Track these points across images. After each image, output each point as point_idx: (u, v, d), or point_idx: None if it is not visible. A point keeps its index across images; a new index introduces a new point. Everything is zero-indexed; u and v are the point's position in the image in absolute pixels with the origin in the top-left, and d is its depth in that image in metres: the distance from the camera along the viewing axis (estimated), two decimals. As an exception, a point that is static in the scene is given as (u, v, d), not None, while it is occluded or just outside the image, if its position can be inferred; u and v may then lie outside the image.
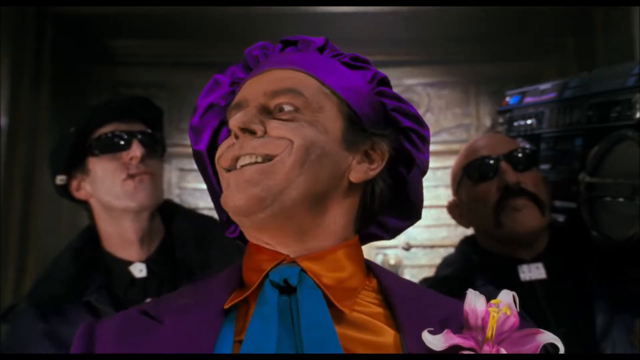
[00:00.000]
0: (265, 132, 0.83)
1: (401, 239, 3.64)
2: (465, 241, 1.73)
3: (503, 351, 0.79)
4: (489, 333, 0.80)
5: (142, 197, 1.44)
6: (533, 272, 1.59)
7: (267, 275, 0.84)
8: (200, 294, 0.88)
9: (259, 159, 0.83)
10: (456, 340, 0.79)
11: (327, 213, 0.86)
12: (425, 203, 3.29)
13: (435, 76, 4.04)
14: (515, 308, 0.83)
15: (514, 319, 0.82)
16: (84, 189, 1.51)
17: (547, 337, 0.81)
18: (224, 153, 0.86)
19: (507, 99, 2.01)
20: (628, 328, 1.51)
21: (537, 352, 0.80)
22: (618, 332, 1.50)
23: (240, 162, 0.83)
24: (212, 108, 0.95)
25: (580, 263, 1.60)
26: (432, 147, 3.28)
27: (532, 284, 1.58)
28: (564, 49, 3.83)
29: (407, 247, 3.71)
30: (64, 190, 1.54)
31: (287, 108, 0.85)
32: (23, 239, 3.23)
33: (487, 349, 0.79)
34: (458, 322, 0.82)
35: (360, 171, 0.88)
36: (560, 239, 1.64)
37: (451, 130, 3.96)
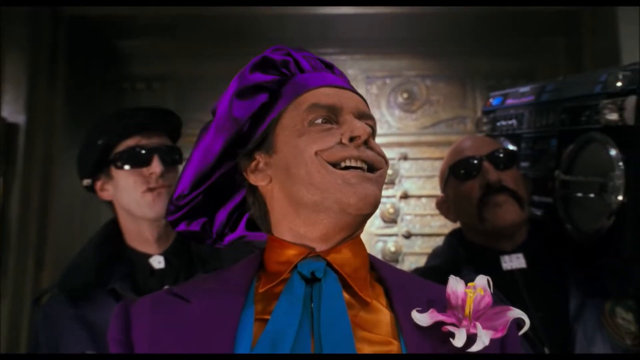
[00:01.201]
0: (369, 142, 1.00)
1: (402, 227, 3.79)
2: (453, 234, 1.86)
3: (479, 326, 0.91)
4: (467, 310, 0.93)
5: (160, 208, 1.58)
6: (514, 262, 1.71)
7: (295, 267, 0.96)
8: (222, 280, 1.00)
9: (365, 167, 0.97)
10: (440, 317, 0.92)
11: None
12: (423, 192, 3.42)
13: (434, 70, 4.08)
14: (489, 290, 0.97)
15: (488, 299, 0.95)
16: (107, 190, 1.65)
17: (515, 313, 0.93)
18: (332, 147, 0.97)
19: (491, 100, 2.11)
20: (598, 310, 1.62)
21: (507, 327, 0.93)
22: (589, 315, 1.61)
23: (351, 164, 0.96)
24: (262, 88, 1.05)
25: (556, 253, 1.71)
26: (430, 138, 3.42)
27: (513, 272, 1.70)
28: (555, 48, 3.88)
29: (407, 235, 3.84)
30: (90, 190, 1.69)
31: (370, 127, 1.00)
32: (41, 232, 3.30)
33: (465, 324, 0.92)
34: (443, 304, 0.95)
35: None
36: (539, 231, 1.76)
37: (448, 122, 4.01)
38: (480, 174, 1.69)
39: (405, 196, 3.84)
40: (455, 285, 0.96)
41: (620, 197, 1.46)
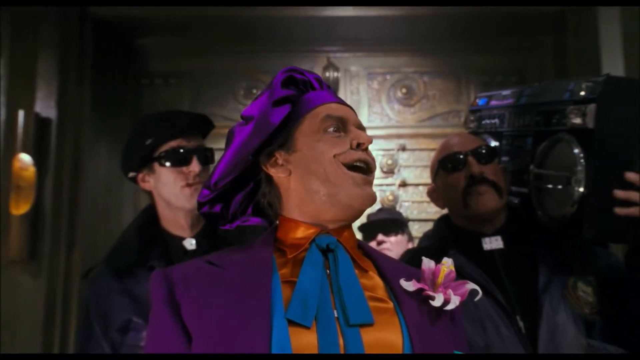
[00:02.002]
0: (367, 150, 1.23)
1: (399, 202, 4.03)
2: (441, 219, 2.07)
3: (451, 292, 1.16)
4: (439, 280, 1.19)
5: (195, 200, 1.81)
6: (493, 243, 1.89)
7: (313, 240, 1.19)
8: (246, 253, 1.21)
9: (365, 167, 1.21)
10: (420, 285, 1.17)
11: None
12: (420, 181, 3.64)
13: (431, 67, 4.30)
14: (452, 268, 1.22)
15: (453, 274, 1.20)
16: (148, 182, 1.87)
17: (471, 285, 1.19)
18: (346, 152, 1.20)
19: (477, 100, 2.29)
20: (562, 285, 1.80)
21: (466, 295, 1.18)
22: (555, 288, 1.79)
23: (357, 164, 1.20)
24: (288, 100, 1.25)
25: (529, 236, 1.92)
26: (427, 131, 3.65)
27: (492, 252, 1.87)
28: (543, 47, 4.08)
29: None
30: (132, 180, 1.92)
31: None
32: (72, 217, 3.55)
33: (440, 290, 1.17)
34: (416, 277, 1.19)
35: None
36: (515, 217, 1.96)
37: (444, 115, 4.25)
38: (465, 167, 1.89)
39: (403, 184, 4.08)
40: (428, 264, 1.20)
41: (581, 189, 1.68)
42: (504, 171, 1.97)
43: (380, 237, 3.17)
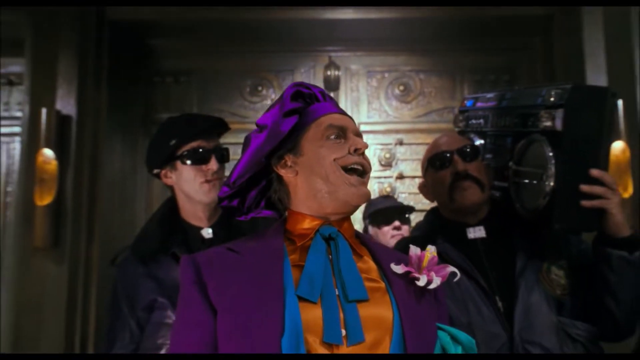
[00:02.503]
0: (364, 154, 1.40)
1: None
2: (431, 211, 2.24)
3: (433, 274, 1.35)
4: (424, 264, 1.37)
5: (213, 195, 1.97)
6: (477, 232, 2.05)
7: (317, 230, 1.36)
8: (260, 241, 1.38)
9: (361, 169, 1.38)
10: (407, 269, 1.35)
11: None
12: (417, 174, 3.84)
13: (427, 66, 4.42)
14: (435, 254, 1.41)
15: (436, 259, 1.39)
16: (170, 178, 2.06)
17: (451, 268, 1.38)
18: (345, 156, 1.36)
19: (465, 102, 2.41)
20: (537, 269, 1.96)
21: (447, 277, 1.37)
22: (530, 272, 1.95)
23: (354, 167, 1.36)
24: (296, 112, 1.42)
25: (509, 226, 2.08)
26: (423, 126, 3.83)
27: (475, 241, 2.04)
28: (532, 47, 4.21)
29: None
30: (156, 176, 2.11)
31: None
32: (91, 208, 3.72)
33: (424, 273, 1.35)
34: (404, 262, 1.36)
35: None
36: (497, 209, 2.12)
37: (439, 111, 4.37)
38: (451, 165, 2.05)
39: (400, 177, 4.25)
40: (415, 250, 1.39)
41: (551, 184, 1.85)
42: (486, 168, 2.13)
43: (397, 223, 3.26)
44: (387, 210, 3.34)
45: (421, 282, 1.34)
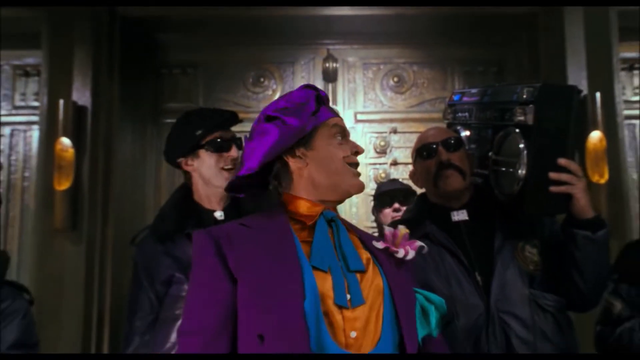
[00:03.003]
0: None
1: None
2: (419, 196, 2.40)
3: (408, 247, 1.55)
4: (398, 241, 1.58)
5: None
6: (460, 215, 2.20)
7: (322, 214, 1.53)
8: (267, 218, 1.55)
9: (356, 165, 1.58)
10: (386, 244, 1.56)
11: None
12: (409, 160, 3.97)
13: (420, 58, 4.58)
14: (407, 230, 1.61)
15: (407, 235, 1.60)
16: (192, 165, 2.22)
17: (420, 243, 1.60)
18: (349, 156, 1.57)
19: (453, 96, 2.53)
20: (513, 247, 2.12)
21: (416, 249, 1.57)
22: (507, 250, 2.11)
23: (356, 164, 1.57)
24: (313, 113, 1.58)
25: (489, 209, 2.22)
26: (416, 115, 4.01)
27: (459, 223, 2.19)
28: (519, 42, 4.36)
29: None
30: (177, 165, 2.29)
31: None
32: (105, 192, 3.89)
33: (400, 247, 1.56)
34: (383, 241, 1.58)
35: None
36: (479, 194, 2.29)
37: (432, 101, 4.55)
38: (436, 155, 2.21)
39: (394, 163, 4.44)
40: (389, 229, 1.60)
41: (523, 172, 2.02)
42: (469, 157, 2.29)
43: (396, 205, 3.31)
44: (389, 192, 3.43)
45: (400, 255, 1.55)
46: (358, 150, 1.60)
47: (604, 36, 3.84)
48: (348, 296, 1.42)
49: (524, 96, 2.08)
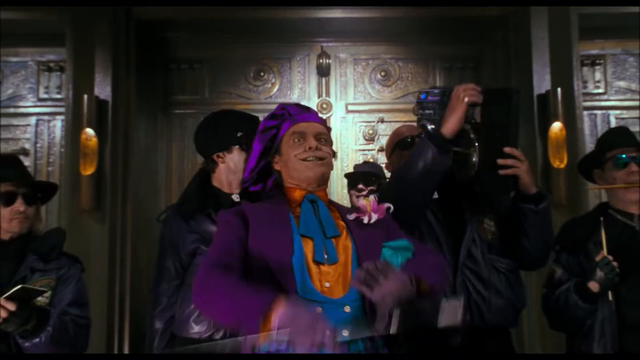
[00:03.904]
0: (319, 147, 1.96)
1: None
2: None
3: (372, 213, 1.93)
4: (368, 208, 1.96)
5: None
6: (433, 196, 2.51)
7: (305, 197, 1.93)
8: (272, 202, 1.97)
9: (315, 158, 1.93)
10: (355, 215, 1.94)
11: None
12: (394, 147, 4.03)
13: (405, 55, 4.90)
14: (374, 200, 2.01)
15: (374, 202, 1.98)
16: (222, 158, 2.52)
17: (388, 204, 1.99)
18: (301, 152, 1.91)
19: (420, 95, 2.73)
20: (477, 221, 2.44)
21: (384, 211, 1.96)
22: (471, 224, 2.43)
23: (310, 158, 1.92)
24: (272, 128, 2.04)
25: (456, 191, 2.51)
26: (401, 106, 4.45)
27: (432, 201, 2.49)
28: (494, 40, 4.69)
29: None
30: (208, 155, 2.60)
31: (324, 140, 1.98)
32: (125, 177, 4.23)
33: (368, 214, 1.94)
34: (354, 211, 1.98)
35: None
36: (446, 178, 2.52)
37: (415, 94, 4.41)
38: (413, 147, 2.52)
39: (382, 149, 4.74)
40: (362, 201, 2.03)
41: (477, 160, 2.34)
42: None
43: (360, 186, 3.57)
44: (353, 175, 3.72)
45: (365, 220, 1.95)
46: (309, 146, 1.95)
47: (565, 37, 4.18)
48: (325, 256, 1.82)
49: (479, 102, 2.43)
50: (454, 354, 2.43)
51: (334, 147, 2.11)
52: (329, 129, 2.11)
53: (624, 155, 2.58)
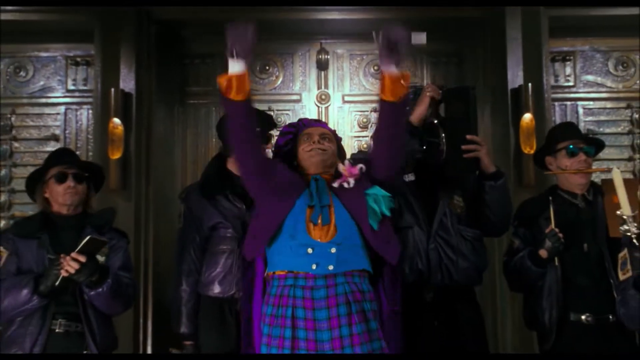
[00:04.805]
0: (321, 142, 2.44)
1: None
2: None
3: (349, 177, 2.39)
4: (346, 173, 2.41)
5: None
6: (409, 177, 2.89)
7: (312, 177, 2.35)
8: (294, 177, 2.42)
9: (320, 150, 2.41)
10: (339, 181, 2.39)
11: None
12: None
13: None
14: (348, 164, 2.44)
15: (349, 166, 2.42)
16: None
17: (360, 165, 2.41)
18: (307, 146, 2.40)
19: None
20: (448, 198, 2.81)
21: (358, 171, 2.40)
22: (443, 201, 2.78)
23: (315, 148, 2.39)
24: (288, 133, 2.54)
25: (430, 173, 2.88)
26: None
27: (409, 182, 2.88)
28: (474, 38, 4.99)
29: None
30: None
31: (328, 138, 2.45)
32: (147, 160, 4.58)
33: (346, 178, 2.40)
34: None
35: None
36: (421, 163, 2.91)
37: None
38: None
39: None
40: (340, 167, 2.44)
41: (444, 147, 2.75)
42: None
43: None
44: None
45: (346, 185, 2.39)
46: (313, 140, 2.43)
47: (536, 37, 4.52)
48: (320, 221, 2.25)
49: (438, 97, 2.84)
50: (428, 308, 2.78)
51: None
52: (337, 136, 2.58)
53: (572, 147, 2.95)
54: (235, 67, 2.19)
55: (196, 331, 2.97)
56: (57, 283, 2.54)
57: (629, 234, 2.48)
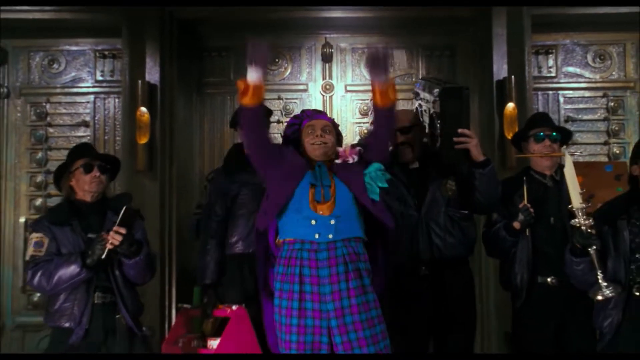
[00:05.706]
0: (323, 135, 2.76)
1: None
2: (392, 156, 3.15)
3: (348, 156, 2.76)
4: (347, 152, 2.77)
5: None
6: (414, 165, 3.18)
7: (316, 163, 2.63)
8: (301, 161, 2.75)
9: (322, 143, 2.72)
10: (339, 160, 2.76)
11: None
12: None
13: (393, 44, 5.40)
14: (348, 147, 2.81)
15: (349, 148, 2.80)
16: None
17: (358, 147, 2.80)
18: (310, 139, 2.70)
19: (415, 84, 3.53)
20: (440, 182, 3.12)
21: (356, 153, 2.77)
22: (436, 184, 3.10)
23: (319, 141, 2.70)
24: (294, 125, 2.87)
25: (430, 161, 3.21)
26: (390, 87, 5.12)
27: (412, 170, 3.19)
28: (466, 33, 5.26)
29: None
30: None
31: (329, 130, 2.78)
32: (170, 144, 4.90)
33: (344, 156, 2.77)
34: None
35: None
36: (424, 152, 3.26)
37: (402, 76, 5.47)
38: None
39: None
40: (340, 149, 2.79)
41: (439, 138, 3.10)
42: (419, 135, 3.27)
43: None
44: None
45: (350, 161, 2.72)
46: (316, 134, 2.72)
47: (519, 34, 4.83)
48: (322, 198, 2.53)
49: (435, 93, 3.17)
50: (422, 281, 3.11)
51: (336, 122, 2.90)
52: (336, 125, 2.86)
53: (541, 134, 3.29)
54: (253, 74, 2.54)
55: (218, 283, 3.50)
56: (103, 256, 2.84)
57: (577, 225, 2.71)
